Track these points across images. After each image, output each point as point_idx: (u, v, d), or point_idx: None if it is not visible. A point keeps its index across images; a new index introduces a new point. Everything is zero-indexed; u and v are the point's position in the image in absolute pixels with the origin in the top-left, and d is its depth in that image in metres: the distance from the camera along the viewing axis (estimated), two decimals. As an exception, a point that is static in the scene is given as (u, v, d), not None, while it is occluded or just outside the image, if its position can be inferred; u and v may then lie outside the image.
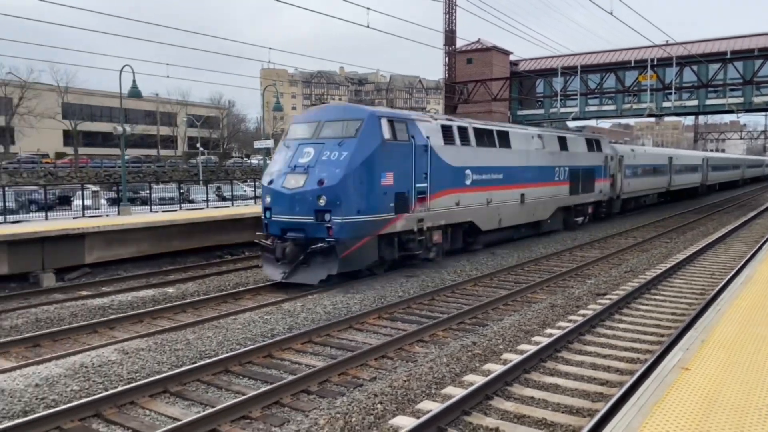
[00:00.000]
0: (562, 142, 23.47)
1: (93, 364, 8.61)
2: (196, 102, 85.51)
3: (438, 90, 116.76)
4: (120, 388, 7.58)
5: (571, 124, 48.42)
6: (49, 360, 8.77)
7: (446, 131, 16.47)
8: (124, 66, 23.17)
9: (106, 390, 7.67)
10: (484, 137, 18.32)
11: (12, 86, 59.20)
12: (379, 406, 7.15)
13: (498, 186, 18.77)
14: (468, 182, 17.16)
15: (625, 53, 39.62)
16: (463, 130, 17.32)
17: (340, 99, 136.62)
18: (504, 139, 19.41)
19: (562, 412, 7.00)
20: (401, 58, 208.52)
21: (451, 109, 41.48)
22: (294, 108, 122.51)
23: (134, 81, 22.99)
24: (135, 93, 23.10)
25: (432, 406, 6.98)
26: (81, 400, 7.18)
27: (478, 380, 7.75)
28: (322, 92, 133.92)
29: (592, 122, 50.39)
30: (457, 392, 7.38)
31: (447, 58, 41.14)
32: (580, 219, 25.66)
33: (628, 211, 32.73)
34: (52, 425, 6.62)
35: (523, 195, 20.27)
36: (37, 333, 10.26)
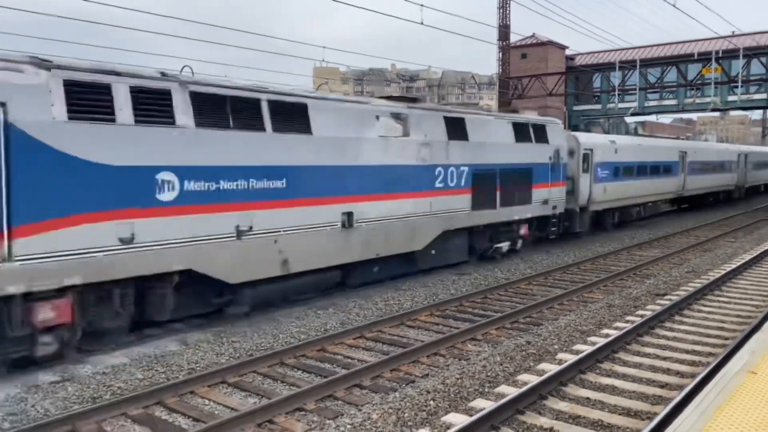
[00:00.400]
0: (455, 127, 14.66)
1: (155, 354, 8.95)
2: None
3: (491, 85, 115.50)
4: (181, 378, 7.86)
5: (630, 119, 47.06)
6: (114, 349, 9.15)
7: (78, 92, 8.21)
8: (184, 67, 23.89)
9: (168, 379, 7.97)
10: (227, 111, 9.95)
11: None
12: (431, 402, 7.17)
13: (270, 201, 10.49)
14: (167, 196, 9.05)
15: (688, 45, 38.20)
16: (151, 96, 9.00)
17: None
18: (293, 119, 10.93)
19: (620, 414, 6.85)
20: (454, 53, 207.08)
21: (504, 104, 40.96)
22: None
23: (193, 81, 23.64)
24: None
25: (485, 405, 6.95)
26: (145, 389, 7.48)
27: (532, 379, 7.67)
28: (374, 89, 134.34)
29: (652, 117, 48.85)
30: (510, 391, 7.33)
31: (501, 54, 40.60)
32: (504, 245, 16.85)
33: (606, 228, 23.64)
34: (119, 411, 6.93)
35: (349, 215, 11.85)
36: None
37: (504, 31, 40.10)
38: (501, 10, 39.56)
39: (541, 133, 18.12)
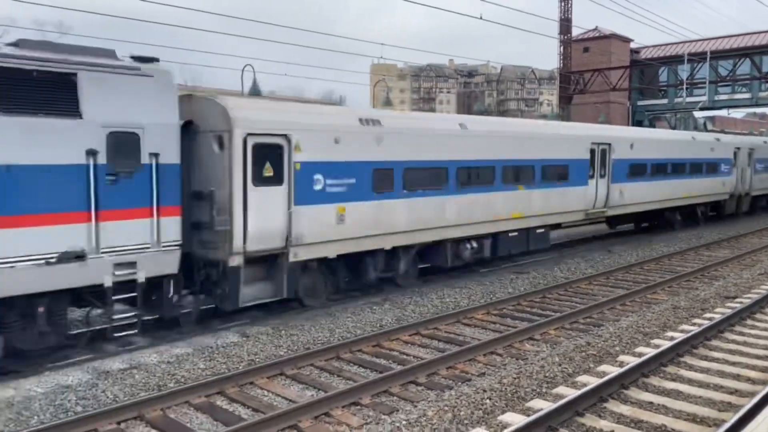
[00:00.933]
0: None
1: (217, 344, 9.22)
2: (310, 98, 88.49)
3: (552, 80, 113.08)
4: (241, 369, 8.07)
5: (699, 114, 45.16)
6: (179, 340, 9.48)
7: None
8: (246, 65, 24.53)
9: (229, 370, 8.19)
10: None
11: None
12: (487, 401, 7.10)
13: None
14: None
15: (763, 36, 36.29)
16: None
17: (448, 92, 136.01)
18: None
19: (685, 420, 6.60)
20: (514, 48, 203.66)
21: (566, 99, 40.07)
22: (402, 102, 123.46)
23: (254, 80, 24.24)
24: (255, 92, 24.32)
25: (543, 405, 6.83)
26: (207, 379, 7.71)
27: (592, 381, 7.48)
28: (431, 85, 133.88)
29: (723, 112, 46.78)
30: (569, 392, 7.17)
31: (562, 48, 39.74)
32: None
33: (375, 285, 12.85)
34: (182, 399, 7.17)
35: None
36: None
37: (565, 24, 39.21)
38: (562, 3, 38.71)
39: (32, 91, 7.84)
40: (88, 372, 7.98)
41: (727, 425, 5.92)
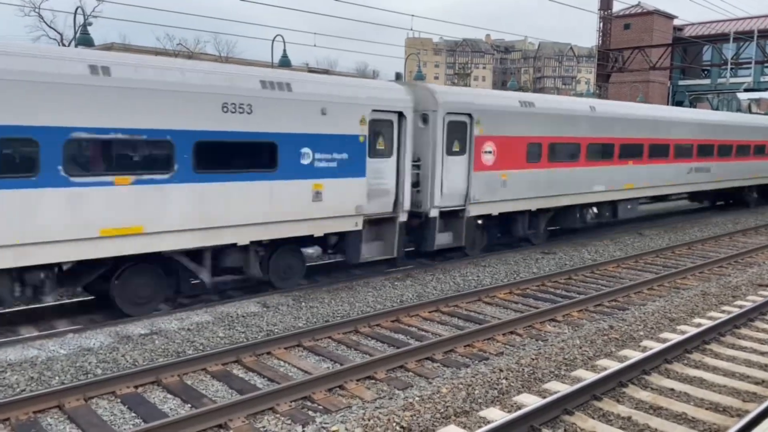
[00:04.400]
0: None
1: (237, 314, 9.30)
2: (343, 71, 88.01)
3: (590, 58, 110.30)
4: (259, 339, 8.12)
5: (743, 95, 43.57)
6: (199, 308, 9.59)
7: None
8: (276, 36, 24.37)
9: (247, 339, 8.25)
10: None
11: (182, 57, 64.84)
12: (504, 381, 7.01)
13: None
14: None
15: (816, 14, 34.65)
16: None
17: (484, 68, 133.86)
18: None
19: (707, 409, 6.42)
20: (552, 23, 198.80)
21: (603, 77, 39.04)
22: (437, 77, 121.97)
23: (284, 51, 24.02)
24: (285, 62, 24.08)
25: (560, 387, 6.72)
26: (225, 347, 7.78)
27: (612, 365, 7.34)
28: (467, 61, 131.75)
29: (769, 94, 45.05)
30: (588, 375, 7.05)
31: (602, 24, 38.60)
32: None
33: None
34: (199, 367, 7.26)
35: None
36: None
37: (606, -1, 38.05)
38: (604, -23, 37.50)
39: None
40: (110, 336, 8.13)
41: (750, 416, 5.74)
